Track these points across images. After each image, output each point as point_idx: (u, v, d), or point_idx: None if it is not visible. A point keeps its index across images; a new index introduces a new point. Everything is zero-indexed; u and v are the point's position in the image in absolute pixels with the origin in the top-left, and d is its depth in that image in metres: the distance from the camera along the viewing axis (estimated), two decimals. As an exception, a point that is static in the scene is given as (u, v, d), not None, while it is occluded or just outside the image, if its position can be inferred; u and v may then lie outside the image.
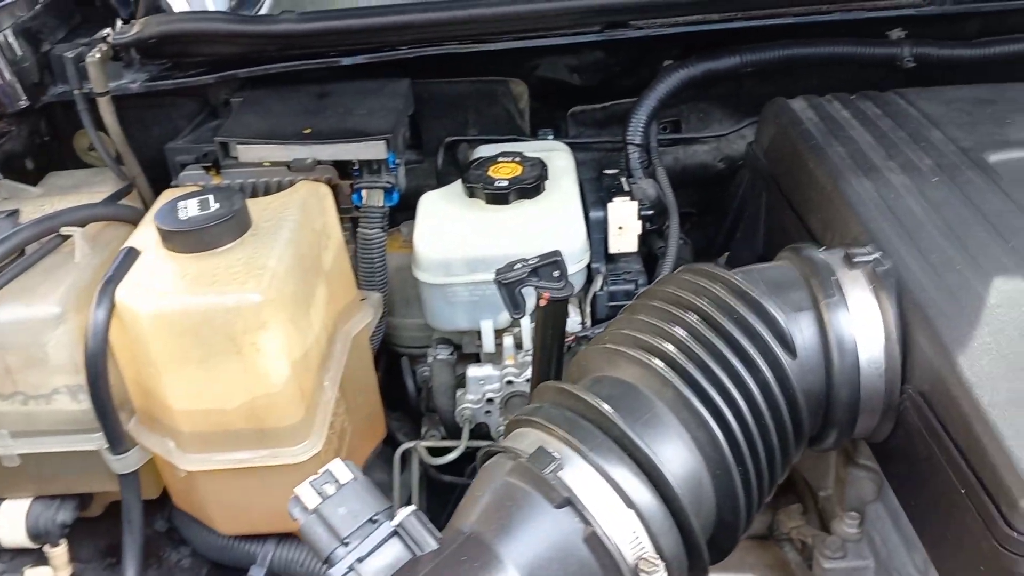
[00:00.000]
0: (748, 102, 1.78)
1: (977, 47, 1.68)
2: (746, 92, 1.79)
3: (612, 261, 1.59)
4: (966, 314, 0.98)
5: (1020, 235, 1.10)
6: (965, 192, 1.21)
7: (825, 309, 1.03)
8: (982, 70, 1.70)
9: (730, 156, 1.83)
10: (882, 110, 1.49)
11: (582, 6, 1.49)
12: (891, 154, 1.33)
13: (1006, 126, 1.40)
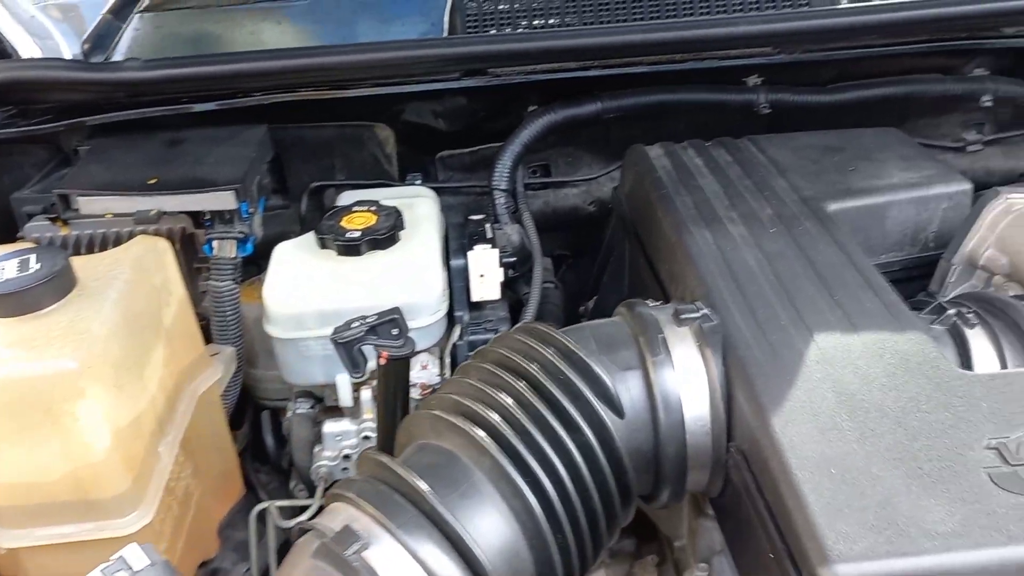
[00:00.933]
0: (617, 146, 1.80)
1: (832, 93, 1.73)
2: (614, 136, 1.80)
3: (477, 308, 1.57)
4: (784, 373, 0.99)
5: (846, 288, 1.13)
6: (800, 243, 1.23)
7: (652, 367, 1.03)
8: (838, 115, 1.75)
9: (601, 199, 1.84)
10: (733, 157, 1.51)
11: (435, 55, 1.48)
12: (735, 203, 1.35)
13: (849, 174, 1.44)
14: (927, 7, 1.51)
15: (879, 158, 1.48)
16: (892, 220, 1.38)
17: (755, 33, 1.46)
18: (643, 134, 1.79)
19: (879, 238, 1.39)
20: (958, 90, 1.74)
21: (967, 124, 1.85)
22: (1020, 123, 1.84)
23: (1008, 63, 1.76)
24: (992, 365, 1.10)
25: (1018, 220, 1.27)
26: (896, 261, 1.41)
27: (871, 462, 0.87)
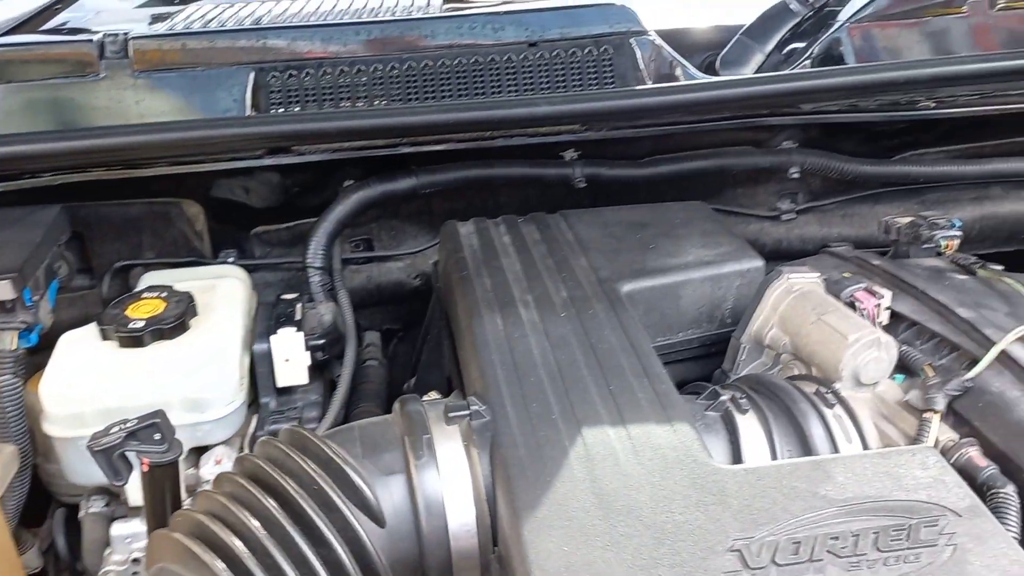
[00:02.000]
0: (440, 218, 1.78)
1: (647, 166, 1.76)
2: (437, 209, 1.79)
3: (286, 393, 1.51)
4: (546, 473, 0.97)
5: (622, 377, 1.12)
6: (588, 328, 1.23)
7: (415, 471, 1.00)
8: (658, 187, 1.78)
9: (426, 272, 1.81)
10: (542, 234, 1.52)
11: (231, 135, 1.44)
12: (533, 285, 1.35)
13: (648, 252, 1.45)
14: (723, 88, 1.56)
15: (680, 234, 1.50)
16: (687, 299, 1.40)
17: (555, 114, 1.47)
18: (467, 207, 1.80)
19: (675, 316, 1.40)
20: (767, 163, 1.80)
21: (781, 194, 1.91)
22: (832, 192, 1.92)
23: (814, 135, 1.83)
24: (762, 453, 1.11)
25: (798, 301, 1.30)
26: (695, 338, 1.42)
27: (615, 570, 0.85)
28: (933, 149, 1.90)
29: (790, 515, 0.90)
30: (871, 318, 1.29)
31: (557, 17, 1.61)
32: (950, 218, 1.50)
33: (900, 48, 1.71)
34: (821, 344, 1.23)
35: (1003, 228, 2.01)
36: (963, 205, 1.98)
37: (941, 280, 1.40)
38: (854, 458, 1.00)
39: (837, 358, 1.19)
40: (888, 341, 1.20)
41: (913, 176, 1.84)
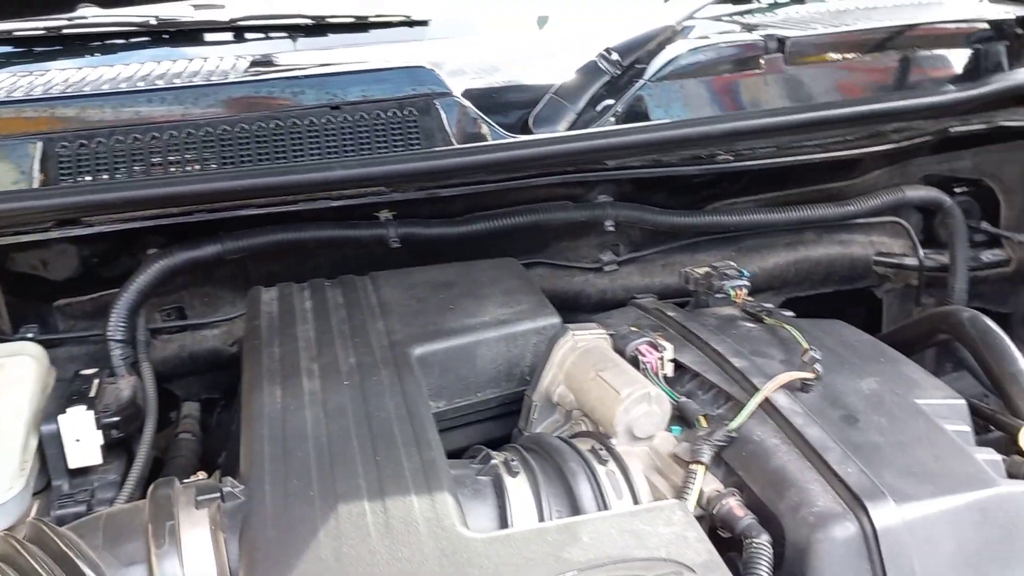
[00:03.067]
0: (257, 283, 1.75)
1: (462, 224, 1.78)
2: (254, 273, 1.76)
3: (81, 474, 1.45)
4: (291, 554, 0.94)
5: (392, 447, 1.12)
6: (368, 396, 1.22)
7: (156, 561, 0.96)
8: (481, 244, 1.80)
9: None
10: (346, 298, 1.51)
11: (16, 209, 1.39)
12: (323, 353, 1.33)
13: (447, 313, 1.46)
14: (521, 148, 1.59)
15: (483, 293, 1.51)
16: (483, 358, 1.41)
17: (351, 177, 1.48)
18: (283, 270, 1.77)
19: (473, 377, 1.41)
20: (582, 217, 1.84)
21: (603, 246, 1.96)
22: (652, 243, 1.97)
23: (627, 189, 1.88)
24: (530, 515, 1.11)
25: (581, 357, 1.32)
26: (493, 398, 1.43)
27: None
28: (743, 199, 1.98)
29: (529, 581, 0.91)
30: (654, 371, 1.32)
31: (359, 80, 1.62)
32: (740, 268, 1.55)
33: (701, 104, 1.78)
34: (599, 400, 1.25)
35: (818, 270, 2.10)
36: (778, 250, 2.06)
37: (728, 329, 1.45)
38: (603, 518, 1.01)
39: (612, 413, 1.21)
40: (659, 395, 1.22)
41: (724, 225, 1.91)
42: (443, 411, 1.38)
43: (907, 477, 1.10)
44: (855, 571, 1.03)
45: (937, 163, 2.10)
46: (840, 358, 1.36)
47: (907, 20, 2.05)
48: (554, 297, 1.95)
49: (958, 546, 1.06)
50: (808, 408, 1.22)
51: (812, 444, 1.14)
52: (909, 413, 1.23)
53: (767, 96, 1.83)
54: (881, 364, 1.36)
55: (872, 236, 2.13)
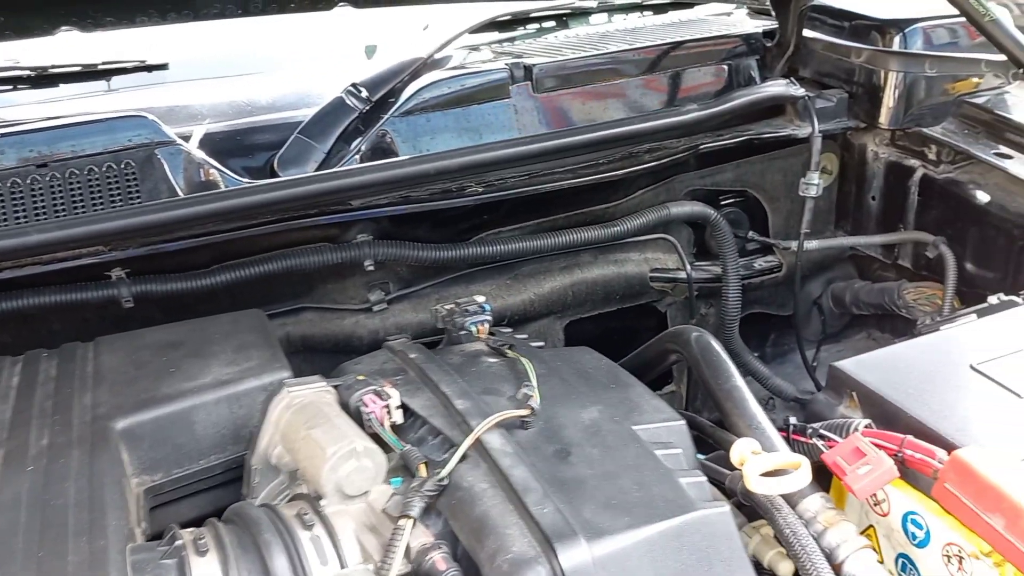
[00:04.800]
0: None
1: (205, 276, 1.69)
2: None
3: None
4: None
5: (61, 539, 1.03)
6: (50, 481, 1.13)
7: None
8: (233, 293, 1.72)
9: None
10: (59, 370, 1.40)
11: None
12: (13, 435, 1.23)
13: (165, 378, 1.37)
14: (249, 194, 1.53)
15: (211, 352, 1.43)
16: (202, 423, 1.32)
17: (48, 241, 1.38)
18: (14, 341, 1.64)
19: (192, 444, 1.32)
20: (338, 259, 1.78)
21: (371, 285, 1.91)
22: (423, 278, 1.94)
23: (387, 226, 1.84)
24: (217, 596, 1.04)
25: (295, 415, 1.26)
26: (218, 464, 1.34)
27: None
28: (509, 227, 1.97)
29: None
30: (380, 421, 1.28)
31: (68, 134, 1.52)
32: (481, 303, 1.53)
33: (448, 137, 1.77)
34: (308, 460, 1.19)
35: (596, 291, 2.12)
36: (554, 275, 2.07)
37: (468, 367, 1.42)
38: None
39: (319, 473, 1.16)
40: (369, 449, 1.17)
41: (489, 255, 1.90)
42: (160, 484, 1.29)
43: (606, 510, 1.09)
44: (549, 616, 1.01)
45: (701, 178, 2.16)
46: (570, 388, 1.36)
47: (663, 39, 2.11)
48: (326, 341, 1.91)
49: (653, 574, 1.06)
50: (523, 446, 1.20)
51: (515, 486, 1.11)
52: (623, 441, 1.23)
53: (516, 124, 1.83)
54: (611, 391, 1.36)
55: (647, 253, 2.16)
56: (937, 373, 1.31)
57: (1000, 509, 1.03)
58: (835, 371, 1.35)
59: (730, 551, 1.10)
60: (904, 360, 1.36)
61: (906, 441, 1.17)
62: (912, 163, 2.09)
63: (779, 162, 2.20)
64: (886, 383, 1.28)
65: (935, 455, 1.13)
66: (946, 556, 1.14)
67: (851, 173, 2.25)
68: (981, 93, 2.07)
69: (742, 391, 1.32)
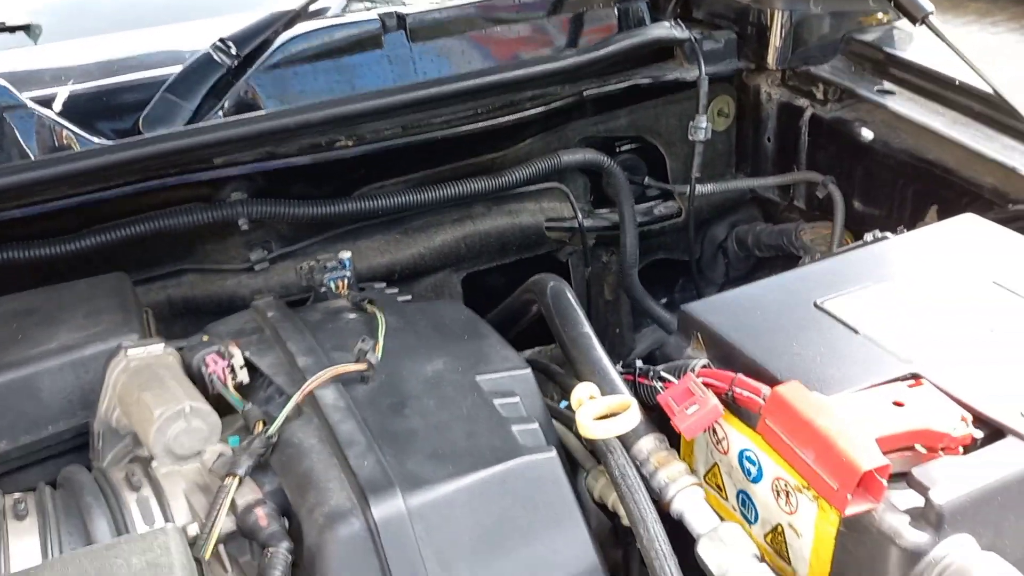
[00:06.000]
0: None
1: (71, 241, 1.65)
2: None
3: None
4: None
5: None
6: None
7: None
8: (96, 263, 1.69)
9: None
10: (-94, 344, 1.38)
11: None
12: None
13: (11, 345, 1.35)
14: (102, 155, 1.50)
15: (62, 318, 1.41)
16: (48, 390, 1.31)
17: None
18: None
19: (38, 411, 1.31)
20: (210, 218, 1.75)
21: (252, 244, 1.89)
22: (306, 235, 1.92)
23: (262, 184, 1.81)
24: (34, 559, 1.04)
25: (131, 377, 1.24)
26: (67, 430, 1.33)
27: None
28: (392, 180, 1.95)
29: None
30: (222, 380, 1.27)
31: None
32: (341, 258, 1.52)
33: (316, 89, 1.74)
34: (139, 422, 1.18)
35: (491, 243, 2.11)
36: (446, 228, 2.05)
37: (325, 325, 1.42)
38: (73, 557, 0.95)
39: (148, 434, 1.15)
40: (198, 410, 1.17)
41: (371, 210, 1.87)
42: (7, 451, 1.29)
43: (431, 461, 1.10)
44: (363, 567, 1.02)
45: (594, 125, 2.14)
46: (422, 341, 1.36)
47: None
48: (208, 303, 1.89)
49: (477, 523, 1.07)
50: (358, 401, 1.20)
51: (340, 440, 1.12)
52: (462, 392, 1.23)
53: (391, 76, 1.80)
54: (462, 343, 1.36)
55: (542, 203, 2.15)
56: (780, 312, 1.32)
57: (811, 443, 1.05)
58: (683, 313, 1.35)
59: (556, 496, 1.12)
60: (751, 300, 1.36)
61: (736, 380, 1.18)
62: (801, 103, 2.08)
63: (674, 107, 2.18)
64: (727, 323, 1.29)
65: (760, 392, 1.15)
66: (775, 491, 1.16)
67: (748, 115, 2.23)
68: (870, 30, 2.06)
69: (588, 338, 1.32)
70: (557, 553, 1.09)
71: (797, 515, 1.13)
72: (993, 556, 0.99)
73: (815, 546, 1.11)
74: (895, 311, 1.31)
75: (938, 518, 0.99)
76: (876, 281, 1.38)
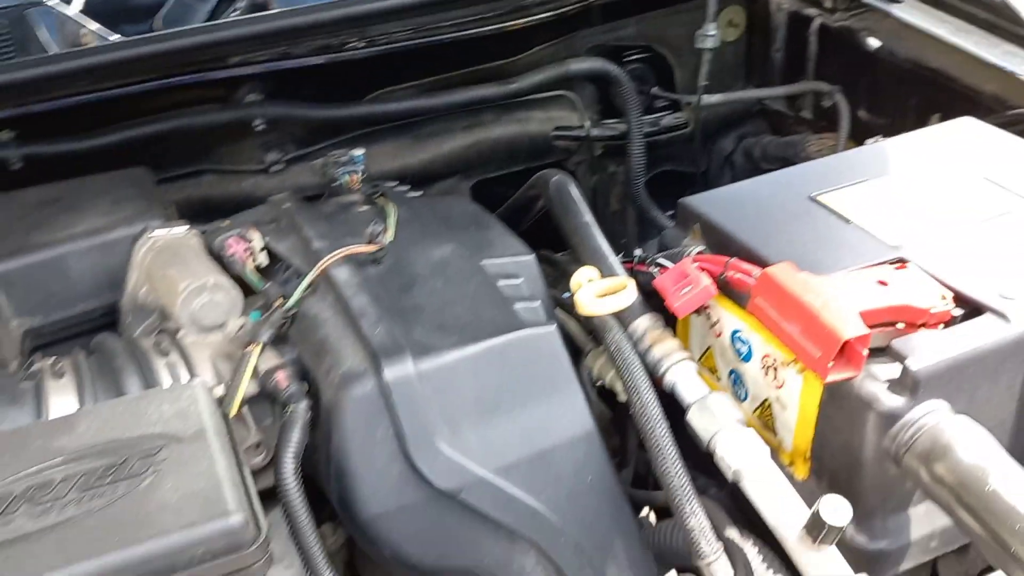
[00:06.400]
0: None
1: (92, 138, 1.71)
2: None
3: None
4: None
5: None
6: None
7: None
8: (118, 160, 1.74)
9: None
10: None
11: None
12: None
13: (38, 229, 1.42)
14: (120, 49, 1.54)
15: (87, 206, 1.47)
16: (76, 270, 1.38)
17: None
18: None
19: (67, 290, 1.38)
20: (226, 119, 1.80)
21: (267, 146, 1.93)
22: (320, 138, 1.96)
23: (276, 85, 1.85)
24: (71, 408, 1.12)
25: (156, 256, 1.32)
26: (97, 308, 1.41)
27: None
28: (403, 85, 1.98)
29: (7, 474, 0.92)
30: (242, 261, 1.34)
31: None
32: (354, 154, 1.57)
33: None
34: (166, 296, 1.26)
35: (499, 150, 2.14)
36: (456, 134, 2.09)
37: (338, 216, 1.48)
38: (111, 405, 1.03)
39: (174, 306, 1.23)
40: (220, 283, 1.24)
41: (382, 114, 1.92)
42: (40, 326, 1.36)
43: (437, 332, 1.17)
44: (375, 424, 1.10)
45: (603, 33, 2.15)
46: (430, 231, 1.42)
47: None
48: (225, 203, 1.95)
49: (481, 388, 1.15)
50: (369, 280, 1.27)
51: (353, 311, 1.19)
52: (468, 275, 1.30)
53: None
54: (468, 232, 1.43)
55: (550, 111, 2.18)
56: (776, 204, 1.37)
57: (797, 317, 1.11)
58: (682, 206, 1.40)
59: (555, 367, 1.19)
60: (749, 194, 1.42)
61: (729, 263, 1.24)
62: (810, 12, 2.09)
63: (683, 15, 2.19)
64: (724, 214, 1.34)
65: (752, 274, 1.21)
66: (764, 367, 1.23)
67: (758, 26, 2.24)
68: (883, -64, 2.06)
69: (589, 227, 1.37)
70: (556, 418, 1.17)
71: (784, 388, 1.20)
72: (965, 418, 1.06)
73: (800, 416, 1.19)
74: (887, 204, 1.36)
75: (914, 384, 1.06)
76: (871, 178, 1.43)
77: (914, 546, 1.14)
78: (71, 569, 0.83)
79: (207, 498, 0.89)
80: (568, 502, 1.15)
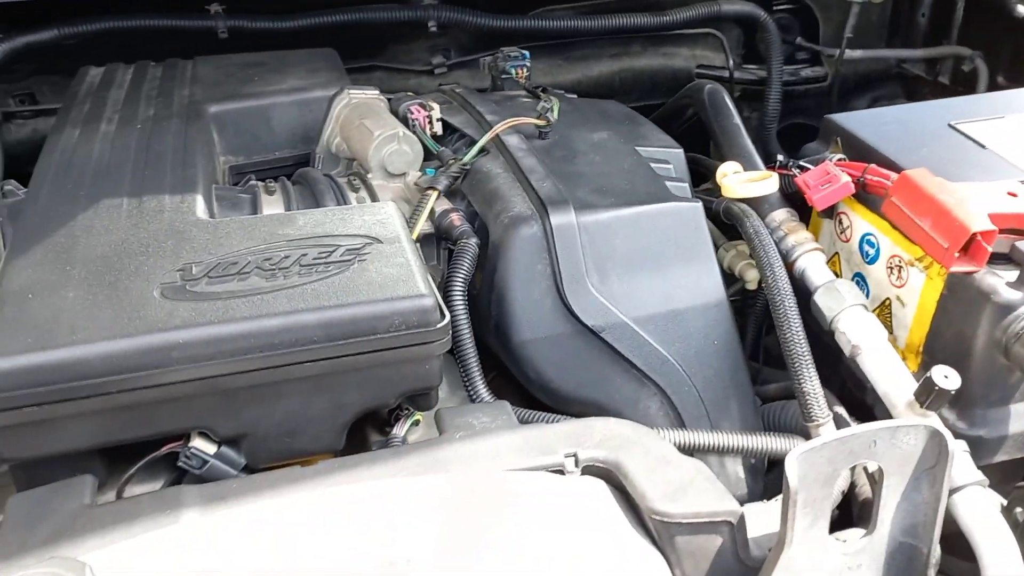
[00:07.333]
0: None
1: (288, 19, 1.92)
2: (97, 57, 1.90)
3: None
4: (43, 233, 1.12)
5: (160, 169, 1.29)
6: (152, 135, 1.39)
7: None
8: (310, 41, 1.94)
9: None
10: (164, 73, 1.66)
11: None
12: (127, 108, 1.50)
13: (249, 82, 1.62)
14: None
15: (288, 71, 1.67)
16: (277, 120, 1.57)
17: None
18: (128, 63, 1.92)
19: (268, 137, 1.57)
20: (405, 16, 1.98)
21: (434, 49, 2.11)
22: (482, 47, 2.12)
23: (451, -6, 2.02)
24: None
25: (352, 110, 1.50)
26: (291, 156, 1.60)
27: (66, 288, 1.02)
28: (562, 6, 2.13)
29: (240, 247, 1.10)
30: (422, 126, 1.51)
31: None
32: (523, 51, 1.72)
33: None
34: (359, 143, 1.44)
35: (642, 80, 2.27)
36: (604, 60, 2.23)
37: (505, 102, 1.64)
38: (324, 211, 1.20)
39: (367, 151, 1.41)
40: (408, 136, 1.41)
41: (541, 29, 2.07)
42: (243, 164, 1.56)
43: (595, 193, 1.32)
44: (536, 261, 1.25)
45: (757, -22, 2.25)
46: (588, 119, 1.56)
47: None
48: (390, 99, 2.13)
49: (628, 247, 1.28)
50: (536, 148, 1.42)
51: (523, 169, 1.34)
52: (623, 154, 1.43)
53: None
54: (624, 125, 1.56)
55: (696, 49, 2.29)
56: (916, 127, 1.46)
57: (929, 212, 1.21)
58: (826, 121, 1.51)
59: (697, 240, 1.32)
60: (891, 116, 1.51)
61: (868, 168, 1.34)
62: (962, -26, 2.14)
63: (837, -29, 2.27)
64: (866, 129, 1.44)
65: (889, 177, 1.31)
66: (889, 268, 1.33)
67: (907, -13, 2.30)
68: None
69: (738, 127, 1.50)
70: (692, 284, 1.30)
71: (906, 287, 1.30)
72: (1078, 315, 1.15)
73: (918, 312, 1.29)
74: (1022, 137, 1.44)
75: (1032, 281, 1.15)
76: (1009, 115, 1.50)
77: (1010, 439, 1.24)
78: (298, 317, 1.00)
79: (405, 282, 1.05)
80: (696, 358, 1.28)
